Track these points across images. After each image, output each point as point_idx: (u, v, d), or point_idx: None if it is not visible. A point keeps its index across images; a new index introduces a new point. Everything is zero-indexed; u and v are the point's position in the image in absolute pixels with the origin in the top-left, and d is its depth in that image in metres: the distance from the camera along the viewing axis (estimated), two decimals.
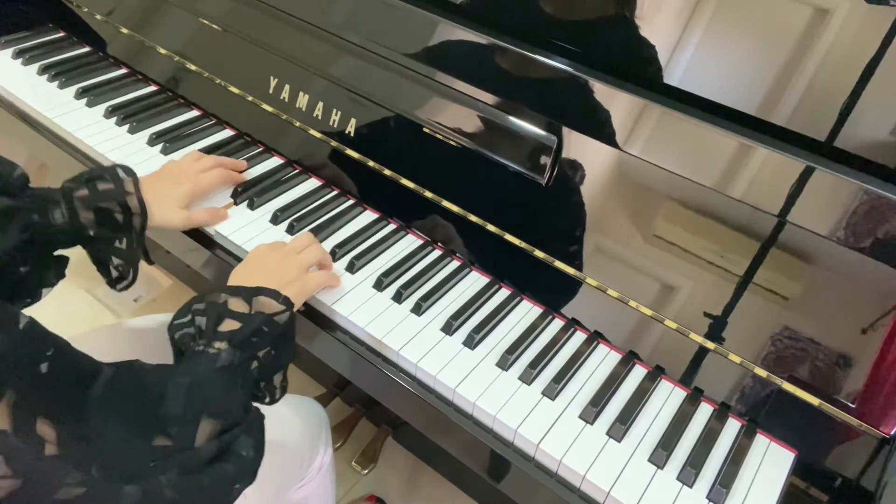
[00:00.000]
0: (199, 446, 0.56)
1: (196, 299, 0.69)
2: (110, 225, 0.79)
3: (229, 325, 0.66)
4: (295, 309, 0.73)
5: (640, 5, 0.79)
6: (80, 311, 1.72)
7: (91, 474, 0.49)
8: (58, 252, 0.79)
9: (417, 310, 0.82)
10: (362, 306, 0.82)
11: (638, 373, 0.80)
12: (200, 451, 0.56)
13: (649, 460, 0.71)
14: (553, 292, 0.86)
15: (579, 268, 0.83)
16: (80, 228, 0.77)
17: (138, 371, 0.58)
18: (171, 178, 0.88)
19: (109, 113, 1.08)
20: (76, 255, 0.84)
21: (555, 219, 0.85)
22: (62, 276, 0.81)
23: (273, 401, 0.71)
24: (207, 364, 0.62)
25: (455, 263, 0.90)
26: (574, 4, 0.84)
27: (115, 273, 0.82)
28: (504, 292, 0.87)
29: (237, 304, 0.68)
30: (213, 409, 0.58)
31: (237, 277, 0.76)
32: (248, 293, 0.69)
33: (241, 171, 0.98)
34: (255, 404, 0.67)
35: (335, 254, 0.88)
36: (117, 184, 0.80)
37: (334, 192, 0.99)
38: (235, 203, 0.95)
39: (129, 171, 0.82)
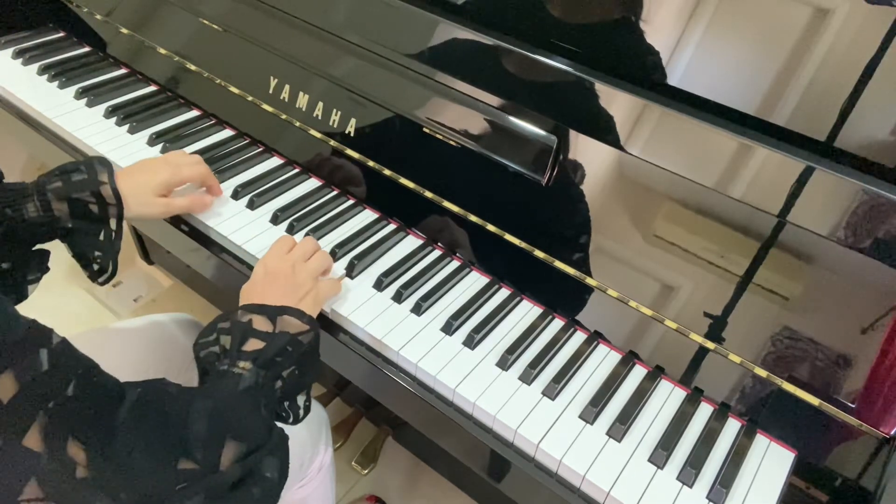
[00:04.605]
0: (224, 469, 0.55)
1: (221, 318, 0.68)
2: (86, 216, 0.79)
3: (254, 344, 0.65)
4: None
5: (639, 5, 0.79)
6: (80, 311, 1.72)
7: (119, 499, 0.49)
8: (38, 246, 0.78)
9: (417, 310, 0.82)
10: (362, 306, 0.82)
11: (638, 373, 0.80)
12: (225, 474, 0.55)
13: (649, 460, 0.71)
14: (553, 292, 0.86)
15: (579, 268, 0.83)
16: (54, 220, 0.77)
17: (162, 393, 0.57)
18: (149, 168, 0.86)
19: (109, 113, 1.08)
20: None
21: (555, 219, 0.85)
22: (45, 269, 0.80)
23: (297, 420, 0.70)
24: (231, 386, 0.61)
25: (455, 263, 0.90)
26: (573, 4, 0.84)
27: (95, 266, 0.82)
28: (504, 292, 0.87)
29: (261, 323, 0.68)
30: (237, 431, 0.57)
31: (251, 295, 0.74)
32: (273, 312, 0.69)
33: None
34: (279, 424, 0.66)
35: (335, 254, 0.88)
36: (91, 174, 0.79)
37: (334, 192, 0.99)
38: (235, 202, 0.95)
39: (104, 162, 0.81)
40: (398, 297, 0.84)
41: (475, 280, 0.89)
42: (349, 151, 0.98)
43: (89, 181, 0.78)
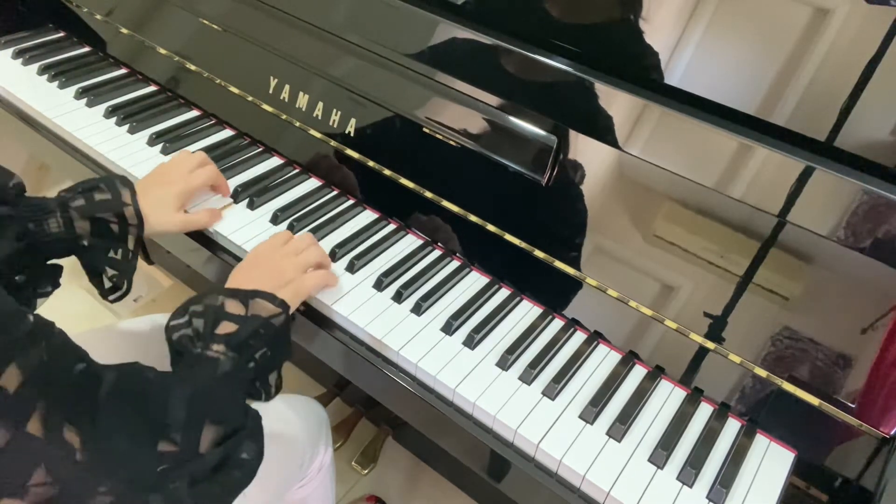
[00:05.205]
0: (204, 453, 0.57)
1: (193, 300, 0.69)
2: (106, 235, 0.79)
3: (226, 327, 0.67)
4: (292, 310, 0.73)
5: (639, 5, 0.79)
6: (80, 311, 1.72)
7: (117, 482, 0.50)
8: (52, 261, 0.79)
9: (417, 310, 0.82)
10: (362, 306, 0.82)
11: (638, 373, 0.80)
12: (206, 458, 0.57)
13: (649, 460, 0.71)
14: (553, 292, 0.86)
15: (579, 268, 0.83)
16: (74, 238, 0.77)
17: (140, 377, 0.58)
18: (163, 180, 0.87)
19: (109, 113, 1.08)
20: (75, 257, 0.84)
21: (555, 219, 0.85)
22: (57, 285, 0.80)
23: (268, 398, 0.72)
24: (209, 372, 0.63)
25: (455, 263, 0.90)
26: (573, 4, 0.84)
27: (108, 283, 0.82)
28: (504, 292, 0.87)
29: (234, 307, 0.69)
30: (215, 415, 0.59)
31: (236, 278, 0.76)
32: (245, 295, 0.70)
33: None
34: (252, 402, 0.67)
35: (335, 254, 0.88)
36: (114, 194, 0.79)
37: (334, 192, 0.99)
38: (235, 202, 0.95)
39: (126, 182, 0.82)
40: (398, 297, 0.84)
41: (475, 280, 0.89)
42: (349, 151, 0.98)
43: (113, 202, 0.79)
